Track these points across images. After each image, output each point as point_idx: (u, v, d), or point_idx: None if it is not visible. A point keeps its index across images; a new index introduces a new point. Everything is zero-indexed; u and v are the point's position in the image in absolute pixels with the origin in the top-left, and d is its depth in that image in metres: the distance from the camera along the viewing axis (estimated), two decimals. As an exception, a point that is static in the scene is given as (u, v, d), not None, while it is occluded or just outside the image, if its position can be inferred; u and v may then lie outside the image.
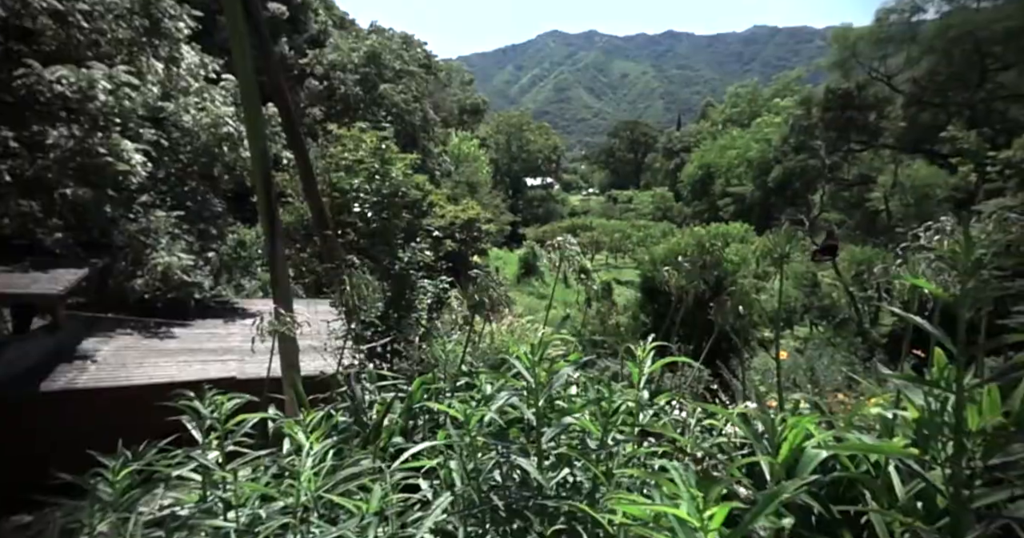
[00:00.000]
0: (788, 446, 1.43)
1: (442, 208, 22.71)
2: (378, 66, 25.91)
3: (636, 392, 1.94)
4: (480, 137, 57.47)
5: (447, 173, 37.67)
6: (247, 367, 8.64)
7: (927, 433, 1.38)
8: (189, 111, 10.42)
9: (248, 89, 4.46)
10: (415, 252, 5.05)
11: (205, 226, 11.67)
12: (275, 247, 5.12)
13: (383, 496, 1.52)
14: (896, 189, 26.52)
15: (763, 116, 59.96)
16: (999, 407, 1.99)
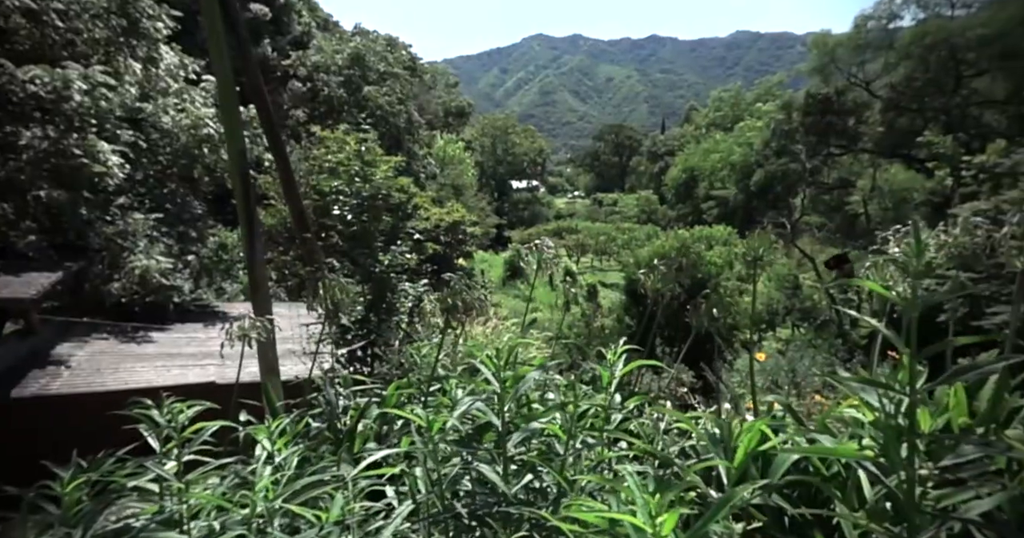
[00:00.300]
0: (743, 450, 1.43)
1: (427, 211, 22.62)
2: (362, 68, 25.79)
3: (606, 396, 1.94)
4: (465, 140, 57.44)
5: (432, 176, 37.58)
6: (228, 372, 8.51)
7: (881, 435, 1.40)
8: (168, 112, 10.27)
9: (226, 90, 4.40)
10: (395, 255, 5.02)
11: (185, 229, 11.50)
12: (254, 250, 5.05)
13: (344, 505, 1.49)
14: (875, 193, 26.97)
15: (746, 120, 60.68)
16: (965, 408, 2.02)
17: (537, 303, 37.25)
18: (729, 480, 1.44)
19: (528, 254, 2.58)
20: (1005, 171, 15.68)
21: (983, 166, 16.59)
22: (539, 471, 1.56)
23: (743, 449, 1.44)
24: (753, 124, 55.00)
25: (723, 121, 74.87)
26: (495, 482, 1.44)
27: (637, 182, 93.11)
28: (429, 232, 22.11)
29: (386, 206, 5.27)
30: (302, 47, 25.44)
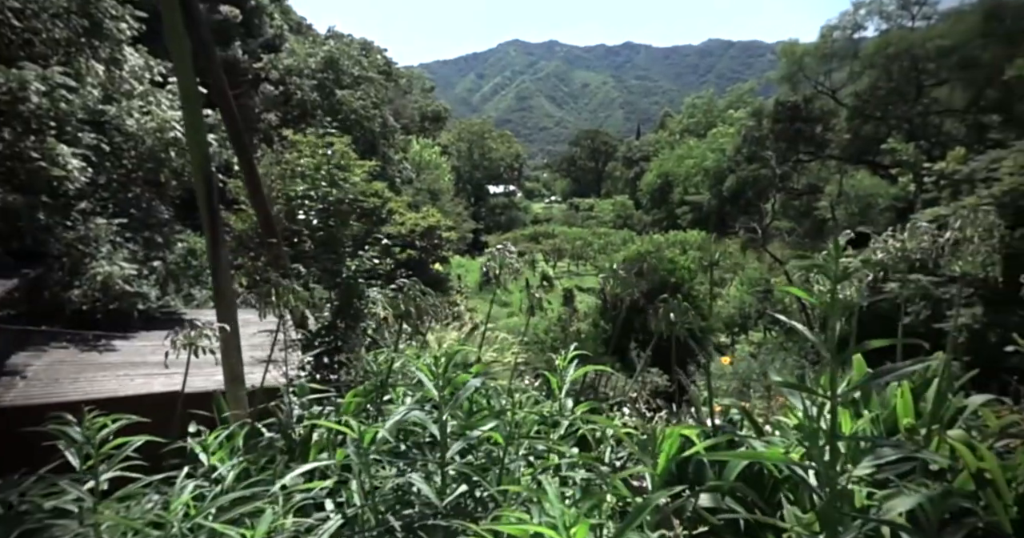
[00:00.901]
0: (664, 457, 1.45)
1: (402, 215, 22.49)
2: (336, 72, 25.56)
3: (551, 403, 1.94)
4: (442, 144, 57.30)
5: (408, 180, 37.36)
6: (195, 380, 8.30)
7: (807, 438, 1.42)
8: (133, 115, 10.02)
9: (188, 92, 4.32)
10: (363, 260, 4.96)
11: (151, 234, 11.21)
12: (218, 255, 4.95)
13: (273, 520, 1.45)
14: (842, 198, 27.65)
15: (718, 127, 61.83)
16: (912, 409, 2.07)
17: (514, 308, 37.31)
18: (653, 486, 1.46)
19: (491, 259, 2.57)
20: (963, 178, 16.22)
21: (943, 173, 17.14)
22: (477, 481, 1.54)
23: (664, 456, 1.45)
24: (725, 130, 56.06)
25: (696, 127, 76.13)
26: (424, 493, 1.42)
27: (613, 187, 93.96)
28: (404, 237, 21.97)
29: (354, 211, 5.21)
30: (274, 50, 25.12)
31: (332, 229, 4.99)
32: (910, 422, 2.01)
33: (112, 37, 8.86)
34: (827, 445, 1.32)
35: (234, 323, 5.00)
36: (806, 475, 1.39)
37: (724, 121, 64.40)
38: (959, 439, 1.89)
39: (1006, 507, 1.82)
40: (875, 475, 1.43)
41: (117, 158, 10.39)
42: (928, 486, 1.48)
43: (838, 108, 32.14)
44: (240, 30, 22.90)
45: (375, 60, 31.75)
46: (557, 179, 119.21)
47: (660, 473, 1.45)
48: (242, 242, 16.08)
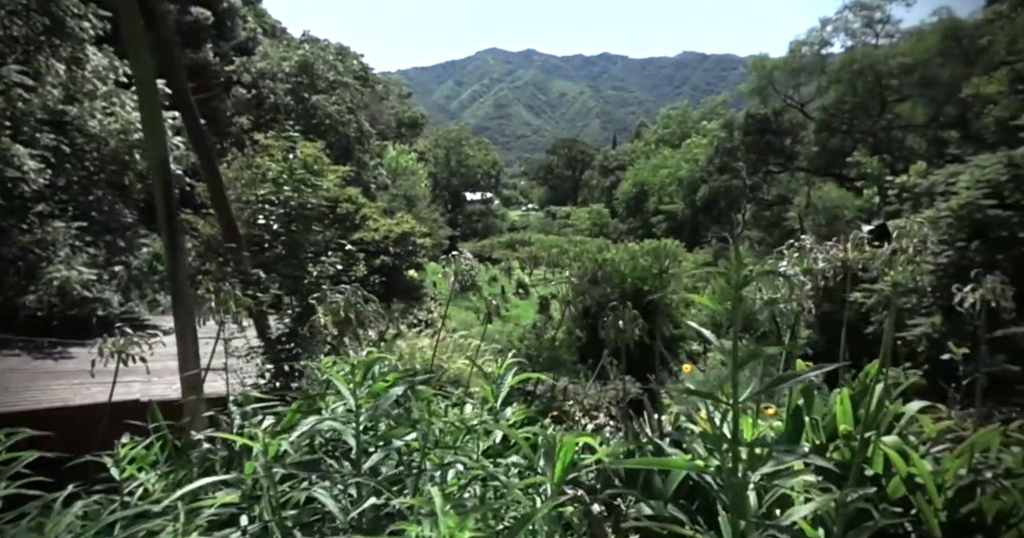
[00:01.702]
0: (560, 465, 1.46)
1: (376, 221, 22.28)
2: (310, 76, 25.33)
3: (478, 412, 1.94)
4: (418, 151, 57.13)
5: (384, 186, 37.12)
6: (153, 389, 8.09)
7: (711, 444, 1.45)
8: (96, 115, 9.78)
9: (146, 92, 4.23)
10: (325, 266, 4.90)
11: (113, 238, 10.93)
12: (176, 260, 4.83)
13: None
14: (810, 209, 28.34)
15: (692, 137, 62.85)
16: (850, 416, 2.12)
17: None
18: (551, 495, 1.46)
19: (447, 265, 2.57)
20: (923, 191, 16.75)
21: (904, 186, 17.68)
22: (387, 494, 1.52)
23: (560, 464, 1.45)
24: (699, 141, 57.02)
25: (671, 138, 77.26)
26: (329, 507, 1.39)
27: (589, 195, 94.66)
28: (378, 243, 21.76)
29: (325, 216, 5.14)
30: (247, 53, 24.79)
31: (294, 234, 4.91)
32: (847, 428, 2.06)
33: (74, 36, 8.64)
34: (729, 451, 1.34)
35: (193, 330, 4.89)
36: (711, 481, 1.41)
37: (698, 132, 65.51)
38: (892, 445, 1.94)
39: (936, 511, 1.87)
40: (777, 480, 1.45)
41: (78, 160, 10.11)
42: (830, 490, 1.52)
43: (806, 121, 33.02)
44: (212, 32, 22.56)
45: (351, 65, 31.58)
46: (534, 187, 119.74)
47: (556, 481, 1.45)
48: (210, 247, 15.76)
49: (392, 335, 10.47)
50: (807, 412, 2.21)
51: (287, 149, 6.00)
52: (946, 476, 1.96)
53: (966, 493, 1.91)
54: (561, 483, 1.41)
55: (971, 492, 1.90)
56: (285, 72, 24.68)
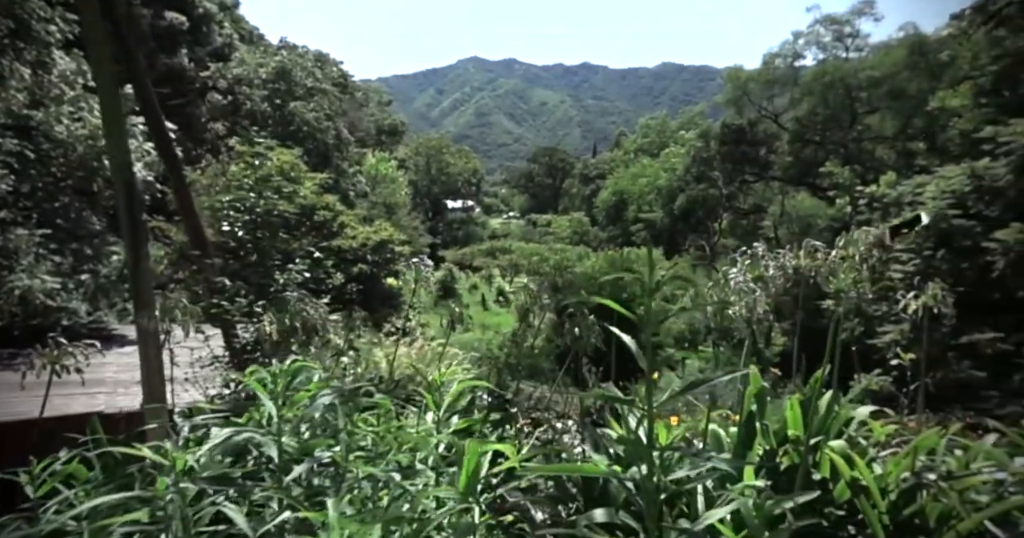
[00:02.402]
0: (465, 474, 1.46)
1: (354, 229, 22.12)
2: (288, 83, 25.17)
3: (414, 422, 1.93)
4: (399, 158, 56.98)
5: (363, 194, 36.92)
6: (119, 400, 7.89)
7: (627, 450, 1.46)
8: (63, 121, 9.58)
9: (108, 96, 4.15)
10: (292, 274, 4.84)
11: (79, 245, 10.68)
12: (140, 269, 4.74)
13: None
14: (784, 218, 28.86)
15: (671, 147, 63.61)
16: (800, 421, 2.15)
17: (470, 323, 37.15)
18: (456, 503, 1.46)
19: (406, 272, 2.56)
20: (891, 201, 17.17)
21: (873, 196, 18.10)
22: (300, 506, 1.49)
23: (465, 473, 1.45)
24: (677, 151, 57.73)
25: (650, 147, 78.07)
26: (239, 524, 1.36)
27: (570, 204, 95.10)
28: (356, 251, 21.60)
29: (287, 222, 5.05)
30: (223, 59, 24.55)
31: (261, 241, 4.84)
32: (795, 433, 2.09)
33: (40, 39, 8.47)
34: (644, 455, 1.35)
35: (156, 339, 4.79)
36: (630, 486, 1.42)
37: (676, 142, 66.34)
38: (838, 449, 1.98)
39: (880, 514, 1.91)
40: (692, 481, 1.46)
41: (44, 166, 9.88)
42: (744, 495, 1.54)
43: (780, 132, 33.69)
44: (187, 37, 22.30)
45: (330, 72, 31.49)
46: (515, 195, 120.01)
47: (463, 490, 1.44)
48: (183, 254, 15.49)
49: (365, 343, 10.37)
50: (760, 418, 2.25)
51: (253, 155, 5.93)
52: (889, 479, 2.01)
53: (909, 496, 1.95)
54: (469, 491, 1.40)
55: (913, 495, 1.95)
56: (262, 78, 24.48)
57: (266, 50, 28.36)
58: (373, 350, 10.23)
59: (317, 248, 20.04)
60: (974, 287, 13.47)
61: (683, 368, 23.77)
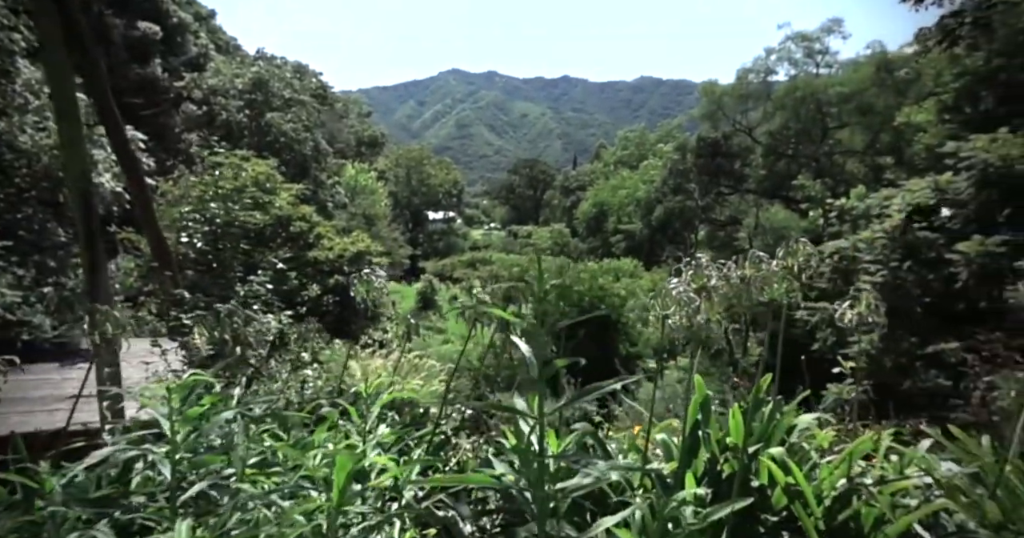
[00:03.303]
0: (337, 486, 1.45)
1: (330, 240, 21.93)
2: (265, 93, 25.03)
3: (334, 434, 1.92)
4: (379, 170, 56.85)
5: (342, 205, 36.73)
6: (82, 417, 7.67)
7: (521, 460, 1.48)
8: (26, 130, 9.40)
9: (64, 103, 4.10)
10: (253, 285, 4.78)
11: (43, 258, 10.42)
12: (97, 281, 4.65)
13: None
14: (758, 230, 29.34)
15: (649, 159, 64.41)
16: (742, 429, 2.18)
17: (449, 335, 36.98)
18: (331, 518, 1.45)
19: (358, 283, 2.54)
20: (860, 214, 17.56)
21: (843, 209, 18.50)
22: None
23: (338, 484, 1.44)
24: (656, 163, 58.46)
25: (629, 159, 78.94)
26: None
27: (551, 215, 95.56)
28: (332, 262, 21.39)
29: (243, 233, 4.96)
30: (198, 69, 24.34)
31: (221, 253, 4.76)
32: (733, 441, 2.12)
33: (3, 48, 8.32)
34: (535, 464, 1.37)
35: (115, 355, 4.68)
36: (524, 496, 1.43)
37: (655, 154, 67.19)
38: (777, 456, 2.01)
39: (816, 519, 1.94)
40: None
41: (6, 176, 9.67)
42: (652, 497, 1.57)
43: (754, 145, 34.36)
44: (161, 47, 22.07)
45: (309, 83, 31.39)
46: (496, 206, 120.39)
47: (336, 503, 1.43)
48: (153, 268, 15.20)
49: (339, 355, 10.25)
50: (704, 426, 2.27)
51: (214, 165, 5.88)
52: (823, 485, 2.05)
53: (844, 501, 1.99)
54: (343, 504, 1.39)
55: (849, 500, 1.99)
56: (238, 89, 24.30)
57: (243, 61, 28.19)
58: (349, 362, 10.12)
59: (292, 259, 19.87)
60: (940, 298, 13.79)
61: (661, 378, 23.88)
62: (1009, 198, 12.47)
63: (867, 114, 28.57)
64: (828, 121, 30.95)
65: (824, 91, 29.59)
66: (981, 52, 16.61)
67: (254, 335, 2.36)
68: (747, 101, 33.51)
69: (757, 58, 33.25)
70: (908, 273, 14.70)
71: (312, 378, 4.00)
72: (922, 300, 13.99)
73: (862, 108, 28.74)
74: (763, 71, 32.70)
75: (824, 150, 30.95)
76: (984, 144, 12.56)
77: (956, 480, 1.79)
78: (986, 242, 11.42)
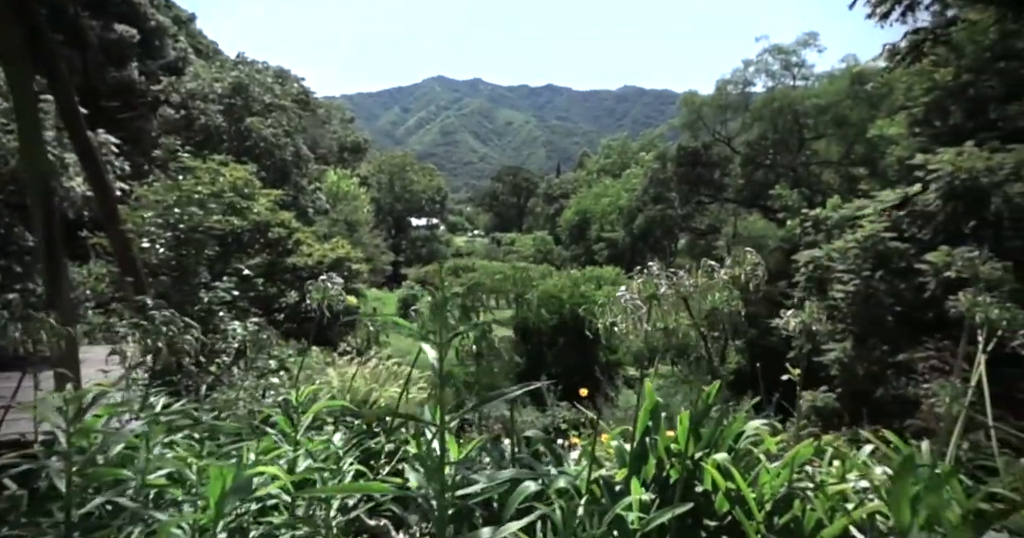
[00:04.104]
0: (213, 499, 1.44)
1: (310, 246, 21.77)
2: (245, 98, 24.83)
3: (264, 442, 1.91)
4: (362, 176, 56.59)
5: (323, 211, 36.47)
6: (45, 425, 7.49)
7: (422, 467, 1.49)
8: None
9: (23, 105, 4.03)
10: (217, 292, 4.71)
11: (8, 262, 10.16)
12: (57, 288, 4.56)
13: None
14: (737, 238, 29.71)
15: (632, 168, 65.01)
16: (688, 436, 2.21)
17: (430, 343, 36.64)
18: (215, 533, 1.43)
19: (311, 291, 2.53)
20: (834, 224, 17.89)
21: (817, 219, 18.83)
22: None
23: (213, 498, 1.43)
24: (638, 172, 58.99)
25: (612, 168, 79.57)
26: None
27: (534, 223, 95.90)
28: (311, 269, 21.22)
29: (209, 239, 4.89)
30: (177, 73, 24.08)
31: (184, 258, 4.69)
32: (677, 447, 2.15)
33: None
34: (435, 471, 1.38)
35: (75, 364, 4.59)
36: (427, 503, 1.44)
37: (637, 163, 67.80)
38: (721, 462, 2.05)
39: (758, 524, 1.97)
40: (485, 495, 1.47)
41: (-28, 179, 9.42)
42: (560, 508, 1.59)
43: (733, 155, 34.86)
44: (138, 51, 21.81)
45: (290, 89, 31.22)
46: (480, 213, 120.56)
47: (212, 517, 1.41)
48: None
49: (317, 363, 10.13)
50: (654, 433, 2.30)
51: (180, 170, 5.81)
52: (764, 490, 2.08)
53: (785, 505, 2.03)
54: (220, 518, 1.37)
55: (789, 504, 2.02)
56: (217, 93, 24.08)
57: (223, 65, 27.96)
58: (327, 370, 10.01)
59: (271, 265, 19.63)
60: (911, 307, 14.07)
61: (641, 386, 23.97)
62: (974, 210, 12.79)
63: (842, 126, 29.18)
64: (805, 132, 31.54)
65: (801, 103, 30.17)
66: (951, 67, 17.09)
67: (194, 343, 2.32)
68: (726, 112, 34.03)
69: (736, 70, 33.85)
70: (880, 282, 14.95)
71: (277, 386, 3.96)
72: (894, 309, 14.26)
73: (837, 120, 29.34)
74: (741, 82, 33.27)
75: (801, 160, 31.51)
76: (951, 157, 12.89)
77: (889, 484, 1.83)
78: (953, 253, 11.68)
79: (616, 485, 2.11)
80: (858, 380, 14.47)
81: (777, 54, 32.05)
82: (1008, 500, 1.81)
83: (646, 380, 2.41)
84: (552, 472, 2.12)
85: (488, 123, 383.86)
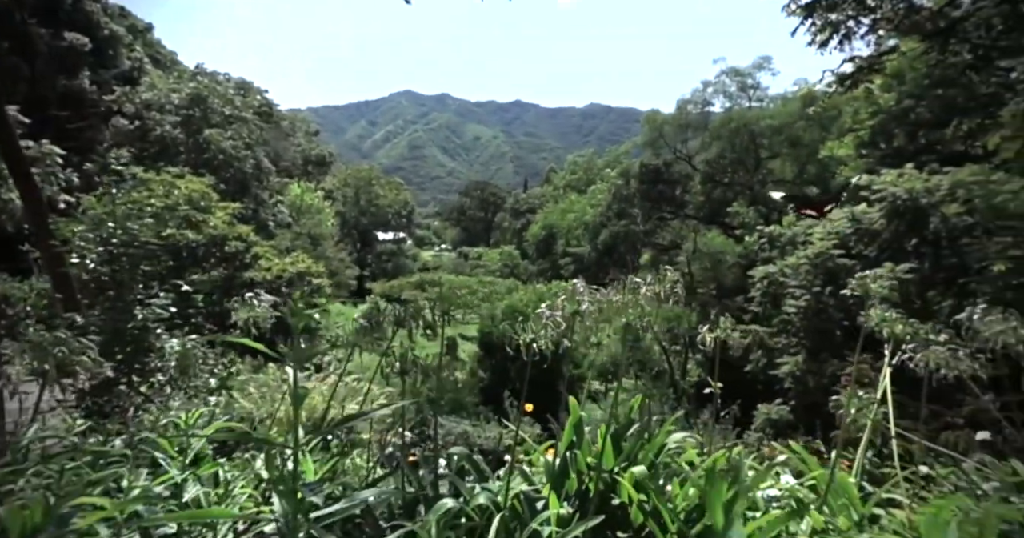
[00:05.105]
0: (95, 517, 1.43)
1: (268, 260, 21.34)
2: (204, 109, 24.35)
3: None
4: (326, 189, 55.92)
5: (285, 224, 35.85)
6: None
7: (276, 489, 1.50)
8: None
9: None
10: (153, 309, 4.56)
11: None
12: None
13: None
14: (697, 254, 30.40)
15: (597, 184, 65.96)
16: (612, 454, 2.25)
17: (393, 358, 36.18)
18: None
19: (241, 306, 2.50)
20: (787, 241, 18.51)
21: (772, 235, 19.45)
22: None
23: (94, 516, 1.42)
24: (603, 188, 59.92)
25: (578, 183, 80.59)
26: None
27: (502, 237, 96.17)
28: (270, 283, 20.78)
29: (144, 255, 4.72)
30: (132, 83, 23.49)
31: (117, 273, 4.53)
32: (592, 461, 2.19)
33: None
34: (290, 493, 1.39)
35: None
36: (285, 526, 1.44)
37: (602, 179, 68.87)
38: (638, 475, 2.09)
39: (670, 534, 2.02)
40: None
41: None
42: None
43: (694, 173, 35.79)
44: (90, 59, 21.20)
45: (252, 100, 30.80)
46: (447, 228, 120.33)
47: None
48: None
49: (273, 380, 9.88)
50: (577, 447, 2.33)
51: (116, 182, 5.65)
52: (678, 501, 2.13)
53: (697, 515, 2.08)
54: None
55: (702, 513, 2.07)
56: (174, 104, 23.56)
57: (180, 75, 27.41)
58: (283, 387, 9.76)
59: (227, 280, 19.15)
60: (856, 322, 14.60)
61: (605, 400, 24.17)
62: (915, 228, 13.40)
63: (796, 146, 30.32)
64: (761, 152, 32.65)
65: (756, 123, 31.27)
66: (893, 93, 18.01)
67: (86, 364, 2.25)
68: (687, 130, 35.00)
69: (695, 90, 34.94)
70: (829, 298, 15.46)
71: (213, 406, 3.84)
72: (842, 323, 14.76)
73: (791, 140, 30.49)
74: (701, 102, 34.33)
75: (758, 179, 32.56)
76: (892, 178, 13.49)
77: (795, 492, 1.91)
78: (895, 269, 12.17)
79: (538, 500, 2.12)
80: (810, 392, 14.87)
81: (734, 76, 33.23)
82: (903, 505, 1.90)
83: (571, 397, 2.44)
84: (476, 489, 2.12)
85: (456, 138, 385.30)
